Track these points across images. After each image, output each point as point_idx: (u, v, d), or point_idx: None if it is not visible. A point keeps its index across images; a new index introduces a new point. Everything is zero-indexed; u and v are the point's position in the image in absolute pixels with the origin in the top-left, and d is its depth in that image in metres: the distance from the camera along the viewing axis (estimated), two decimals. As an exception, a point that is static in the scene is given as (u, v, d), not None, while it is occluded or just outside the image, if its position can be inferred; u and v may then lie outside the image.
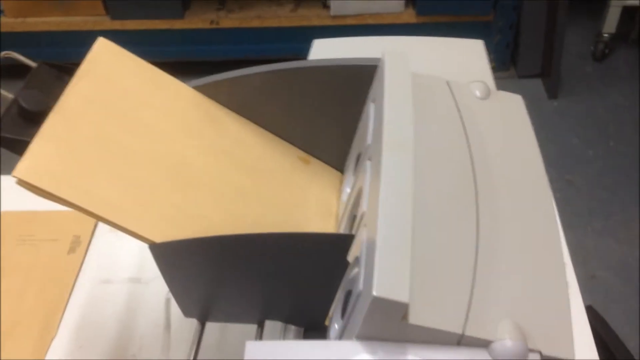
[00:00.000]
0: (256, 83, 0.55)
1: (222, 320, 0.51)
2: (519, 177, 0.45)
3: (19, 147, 0.42)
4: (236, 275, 0.45)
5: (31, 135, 0.42)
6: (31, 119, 0.44)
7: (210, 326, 0.53)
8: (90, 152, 0.43)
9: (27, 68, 0.48)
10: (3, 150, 0.44)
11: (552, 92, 1.93)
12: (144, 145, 0.46)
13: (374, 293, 0.34)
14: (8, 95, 0.45)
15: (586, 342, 0.64)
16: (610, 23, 1.97)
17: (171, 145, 0.48)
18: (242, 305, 0.47)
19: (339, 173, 0.60)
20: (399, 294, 0.34)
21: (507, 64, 1.99)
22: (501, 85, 0.53)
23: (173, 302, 0.65)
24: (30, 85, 0.46)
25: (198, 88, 0.55)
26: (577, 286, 0.69)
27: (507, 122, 0.49)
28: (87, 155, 0.43)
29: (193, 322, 0.62)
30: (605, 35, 2.00)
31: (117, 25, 1.82)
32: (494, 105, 0.51)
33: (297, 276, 0.44)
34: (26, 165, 0.39)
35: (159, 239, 0.43)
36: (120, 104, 0.47)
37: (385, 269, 0.35)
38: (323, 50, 0.61)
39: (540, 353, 0.36)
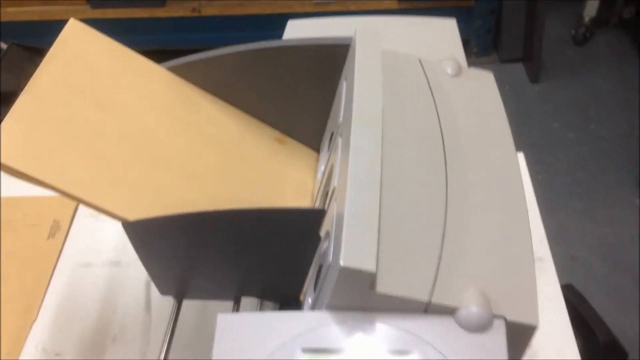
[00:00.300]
0: (230, 63, 0.55)
1: (199, 297, 0.52)
2: (488, 151, 0.46)
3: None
4: (210, 251, 0.45)
5: (2, 116, 0.42)
6: (3, 99, 0.44)
7: (190, 306, 0.54)
8: (62, 132, 0.43)
9: (-1, 51, 0.48)
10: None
11: (534, 77, 1.95)
12: (116, 125, 0.47)
13: (342, 263, 0.34)
14: (-21, 76, 0.45)
15: (562, 320, 0.65)
16: (591, 7, 1.98)
17: (144, 125, 0.49)
18: (217, 281, 0.48)
19: (315, 152, 0.61)
20: (366, 263, 0.35)
21: (489, 49, 2.00)
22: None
23: (153, 284, 0.66)
24: (2, 67, 0.45)
25: (172, 69, 0.55)
26: (552, 264, 0.70)
27: (477, 98, 0.50)
28: (58, 135, 0.43)
29: (173, 303, 0.63)
30: (586, 19, 2.01)
31: (98, 14, 1.81)
32: (465, 81, 0.51)
33: (270, 251, 0.45)
34: None
35: (133, 217, 0.43)
36: (91, 85, 0.47)
37: (353, 240, 0.36)
38: (297, 30, 0.61)
39: (505, 319, 0.37)
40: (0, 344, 0.60)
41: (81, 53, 0.47)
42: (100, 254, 0.69)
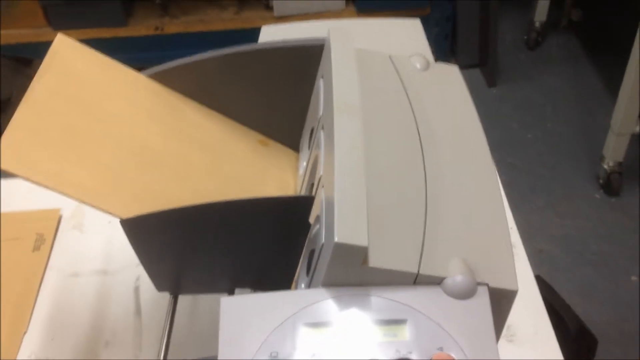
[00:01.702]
0: (208, 68, 0.57)
1: (194, 291, 0.53)
2: (459, 134, 0.49)
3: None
4: (203, 244, 0.47)
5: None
6: (-4, 107, 0.45)
7: (182, 303, 0.56)
8: (59, 139, 0.45)
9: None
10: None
11: (491, 81, 2.02)
12: (108, 132, 0.49)
13: (336, 239, 0.37)
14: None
15: (537, 307, 0.69)
16: (541, 11, 2.07)
17: (134, 130, 0.51)
18: (212, 274, 0.50)
19: (295, 152, 0.63)
20: (359, 239, 0.37)
21: (447, 56, 2.06)
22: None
23: (142, 290, 0.67)
24: (-8, 77, 0.47)
25: (153, 76, 0.57)
26: (525, 257, 0.74)
27: (446, 90, 0.54)
28: (56, 142, 0.45)
29: (163, 307, 0.64)
30: (537, 23, 2.10)
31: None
32: (433, 75, 0.55)
33: (262, 241, 0.47)
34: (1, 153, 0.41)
35: (129, 215, 0.45)
36: (82, 94, 0.49)
37: (345, 219, 0.38)
38: (271, 35, 0.64)
39: (488, 285, 0.40)
40: (-8, 356, 0.61)
41: (70, 65, 0.49)
42: (86, 263, 0.70)
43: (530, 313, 0.67)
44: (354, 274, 0.39)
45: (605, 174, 1.62)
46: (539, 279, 1.22)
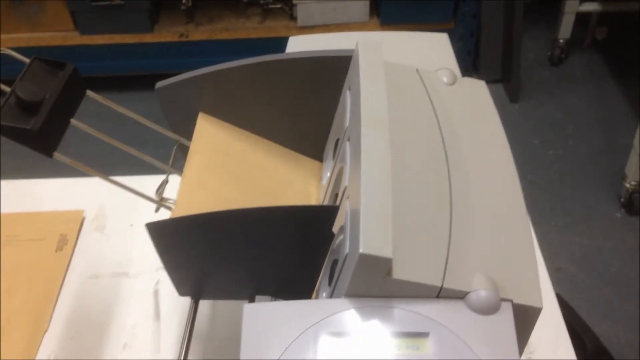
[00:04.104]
0: (236, 76, 0.58)
1: (215, 297, 0.54)
2: (485, 150, 0.49)
3: (17, 135, 0.45)
4: (228, 251, 0.48)
5: (27, 122, 0.44)
6: (27, 108, 0.46)
7: (201, 308, 0.56)
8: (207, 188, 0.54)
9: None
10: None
11: (513, 97, 2.01)
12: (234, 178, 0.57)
13: (361, 250, 0.37)
14: (6, 88, 0.48)
15: (557, 326, 0.68)
16: (565, 29, 2.06)
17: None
18: (234, 281, 0.50)
19: (318, 162, 0.63)
20: (383, 250, 0.37)
21: (469, 71, 2.06)
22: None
23: (161, 294, 0.68)
24: (26, 78, 0.48)
25: (181, 83, 0.58)
26: (547, 275, 0.74)
27: (473, 104, 0.54)
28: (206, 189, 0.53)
29: (182, 311, 0.65)
30: (561, 40, 2.09)
31: (87, 40, 1.83)
32: (460, 89, 0.55)
33: (284, 249, 0.47)
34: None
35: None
36: (224, 157, 0.58)
37: (370, 230, 0.38)
38: (298, 45, 0.64)
39: (512, 301, 0.39)
40: (12, 354, 0.61)
41: (213, 136, 0.58)
42: (107, 266, 0.70)
43: (551, 331, 0.67)
44: (378, 285, 0.39)
45: (627, 193, 1.60)
46: (558, 297, 1.21)
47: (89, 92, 0.53)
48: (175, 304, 0.66)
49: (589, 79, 2.07)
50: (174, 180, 0.55)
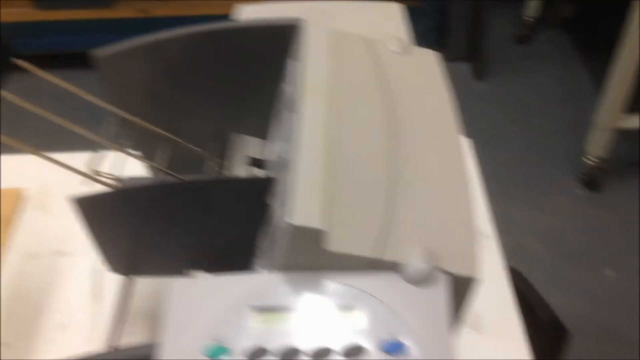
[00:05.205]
0: (175, 47, 0.56)
1: (150, 274, 0.52)
2: (430, 120, 0.48)
3: None
4: (161, 225, 0.46)
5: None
6: None
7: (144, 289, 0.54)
8: None
9: None
10: None
11: (479, 74, 2.01)
12: None
13: (292, 222, 0.36)
14: None
15: (506, 298, 0.68)
16: (533, 7, 2.06)
17: None
18: (169, 256, 0.48)
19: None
20: (315, 221, 0.36)
21: (435, 49, 2.05)
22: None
23: (103, 273, 0.66)
24: None
25: (115, 55, 0.55)
26: (499, 249, 0.73)
27: (421, 73, 0.52)
28: None
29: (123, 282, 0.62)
30: (528, 18, 2.08)
31: (44, 15, 1.77)
32: (409, 58, 0.53)
33: (221, 222, 0.46)
34: None
35: None
36: None
37: (301, 201, 0.37)
38: (247, 15, 0.62)
39: (447, 272, 0.38)
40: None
41: None
42: (46, 244, 0.68)
43: (499, 303, 0.67)
44: (311, 258, 0.38)
45: (587, 169, 1.62)
46: (514, 271, 1.21)
47: (29, 67, 0.50)
48: (117, 284, 0.64)
49: (555, 57, 2.07)
50: (114, 156, 0.52)
